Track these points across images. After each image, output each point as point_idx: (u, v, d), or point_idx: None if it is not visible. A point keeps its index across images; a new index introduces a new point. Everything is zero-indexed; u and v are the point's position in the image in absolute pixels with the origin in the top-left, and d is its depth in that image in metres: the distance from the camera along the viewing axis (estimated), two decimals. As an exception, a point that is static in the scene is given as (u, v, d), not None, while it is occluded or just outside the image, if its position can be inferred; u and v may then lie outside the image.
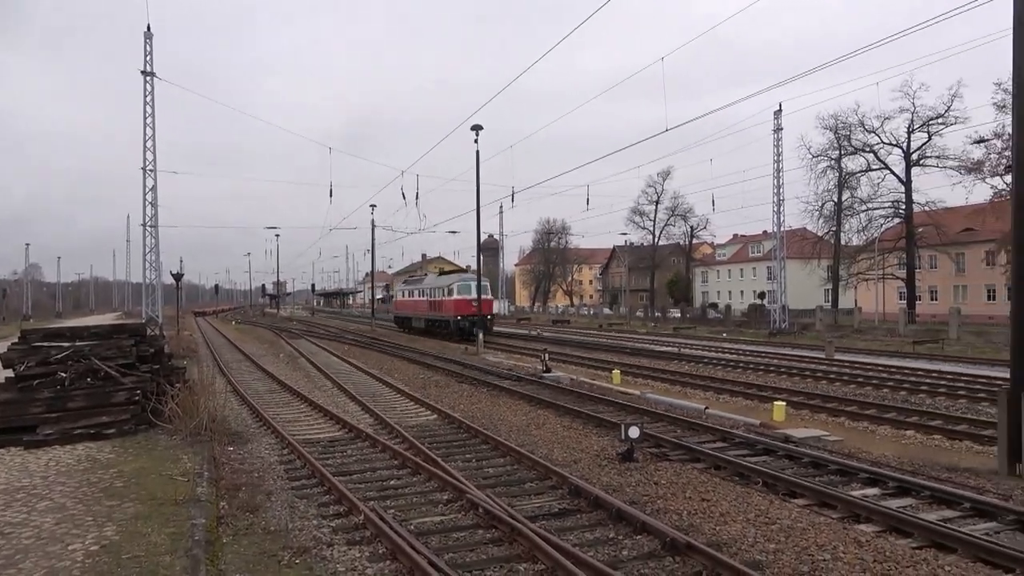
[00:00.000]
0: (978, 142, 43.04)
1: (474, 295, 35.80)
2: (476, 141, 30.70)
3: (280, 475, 9.92)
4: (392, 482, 9.49)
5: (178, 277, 44.92)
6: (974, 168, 45.00)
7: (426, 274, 55.86)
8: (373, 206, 56.50)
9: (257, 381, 20.87)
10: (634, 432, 10.32)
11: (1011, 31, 10.14)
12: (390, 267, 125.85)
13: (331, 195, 41.35)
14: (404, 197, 36.93)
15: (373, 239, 59.52)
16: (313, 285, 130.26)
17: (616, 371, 20.75)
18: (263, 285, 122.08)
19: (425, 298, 43.54)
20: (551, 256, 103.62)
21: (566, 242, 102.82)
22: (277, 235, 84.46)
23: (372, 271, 69.65)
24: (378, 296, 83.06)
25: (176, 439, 11.58)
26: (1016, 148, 10.99)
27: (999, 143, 40.01)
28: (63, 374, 12.33)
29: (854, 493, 8.62)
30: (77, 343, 13.40)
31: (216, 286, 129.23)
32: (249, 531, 7.46)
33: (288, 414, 15.00)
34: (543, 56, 35.83)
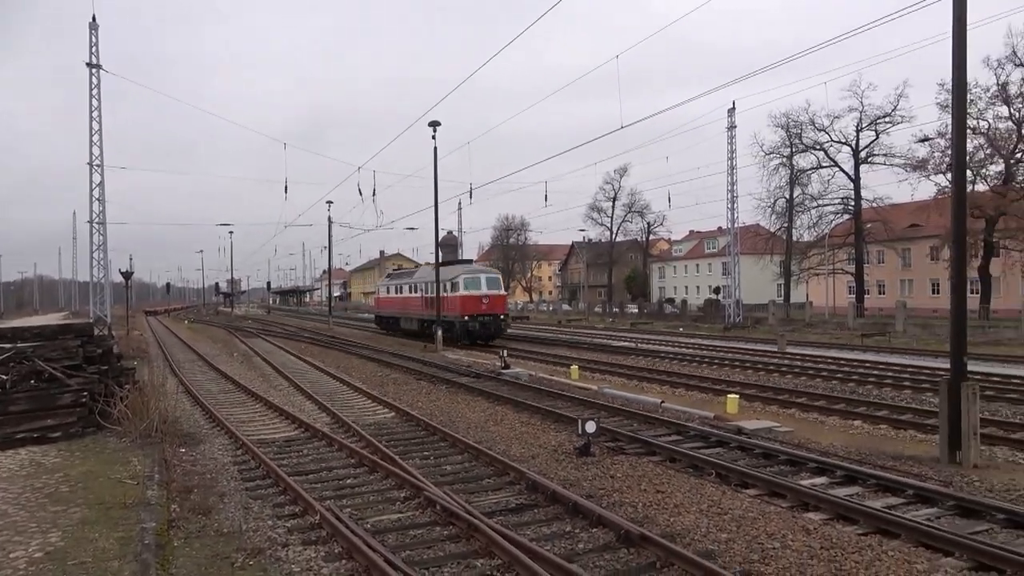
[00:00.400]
0: (922, 141, 44.39)
1: (484, 290, 31.70)
2: (434, 137, 30.58)
3: (234, 476, 9.76)
4: (349, 481, 9.42)
5: (127, 275, 43.74)
6: (919, 166, 46.45)
7: (418, 266, 48.44)
8: (329, 203, 55.74)
9: (210, 381, 20.47)
10: (591, 427, 10.42)
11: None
12: (347, 264, 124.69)
13: (286, 191, 40.60)
14: (361, 193, 36.56)
15: (330, 236, 58.78)
16: (269, 283, 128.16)
17: (574, 366, 20.90)
18: (217, 283, 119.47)
19: (419, 294, 36.90)
20: (510, 252, 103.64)
21: (525, 238, 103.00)
22: (231, 232, 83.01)
23: (329, 268, 68.82)
24: (335, 294, 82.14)
25: (125, 442, 11.29)
26: (956, 147, 11.39)
27: (942, 142, 41.39)
28: (3, 376, 11.92)
29: (803, 483, 8.85)
30: (19, 344, 12.96)
31: (168, 284, 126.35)
32: (201, 534, 7.32)
33: (243, 414, 14.75)
34: (500, 52, 35.92)
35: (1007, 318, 38.47)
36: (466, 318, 31.44)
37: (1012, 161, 42.64)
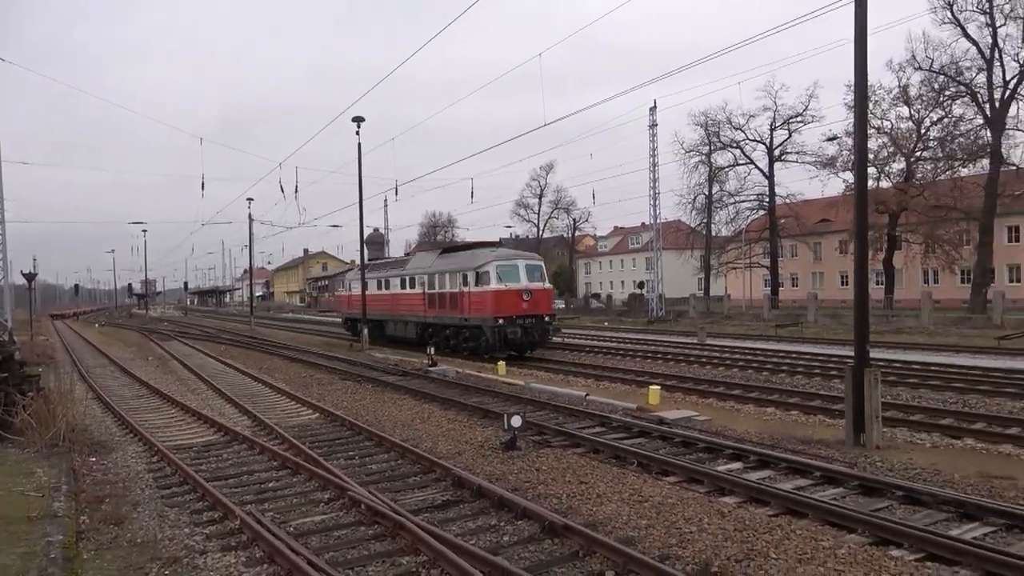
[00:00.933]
0: (831, 139, 46.60)
1: (525, 282, 23.67)
2: (358, 133, 30.07)
3: (149, 484, 9.41)
4: (271, 484, 9.22)
5: (30, 277, 41.37)
6: (828, 164, 48.86)
7: (412, 252, 34.39)
8: (250, 199, 54.16)
9: (123, 387, 19.61)
10: (516, 421, 10.53)
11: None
12: (270, 263, 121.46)
13: (203, 188, 39.12)
14: (283, 190, 35.54)
15: (251, 234, 57.13)
16: (186, 283, 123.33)
17: (501, 363, 21.02)
18: (130, 284, 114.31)
19: (418, 290, 27.92)
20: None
21: (452, 235, 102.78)
22: (144, 230, 79.29)
23: (251, 267, 66.93)
24: (257, 294, 79.86)
25: (30, 452, 10.72)
26: (858, 146, 12.04)
27: (849, 141, 43.62)
28: None
29: (719, 468, 9.20)
30: (-92, 352, 12.10)
31: (76, 286, 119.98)
32: (113, 544, 7.04)
33: (158, 420, 14.21)
34: (424, 46, 35.51)
35: (909, 308, 40.85)
36: (501, 321, 22.89)
37: (912, 159, 45.25)
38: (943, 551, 6.22)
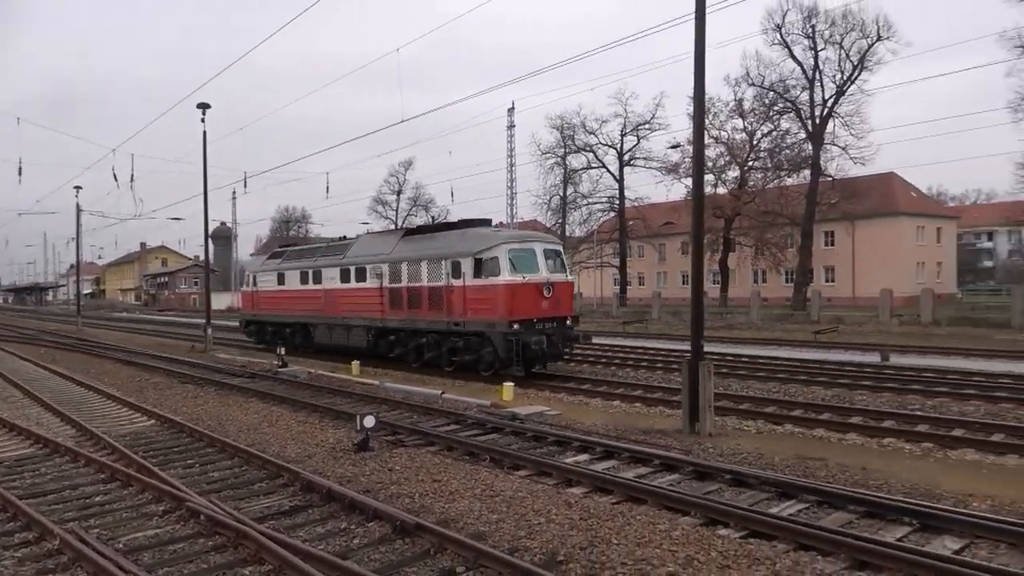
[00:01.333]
0: (674, 147, 49.72)
1: (544, 273, 17.96)
2: (203, 120, 28.36)
3: (-52, 505, 8.36)
4: (98, 499, 8.49)
5: None
6: (672, 169, 52.04)
7: (345, 238, 27.06)
8: (78, 188, 49.52)
9: (-82, 396, 17.28)
10: (369, 421, 10.37)
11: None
12: (100, 258, 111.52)
13: (20, 174, 35.31)
14: (116, 179, 32.91)
15: (78, 225, 52.31)
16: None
17: (355, 362, 20.59)
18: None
19: (374, 284, 21.27)
20: (290, 245, 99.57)
21: (306, 231, 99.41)
22: (-53, 220, 70.31)
23: (78, 262, 61.14)
24: (85, 291, 73.21)
25: None
26: (696, 155, 12.91)
27: (690, 148, 46.67)
28: None
29: (568, 461, 9.55)
30: None
31: None
32: (-99, 576, 6.21)
33: (-39, 433, 12.66)
34: (277, 32, 34.19)
35: (741, 305, 44.32)
36: (516, 326, 17.11)
37: (746, 168, 49.13)
38: (763, 527, 6.82)
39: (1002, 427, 11.29)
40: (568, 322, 18.58)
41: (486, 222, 20.66)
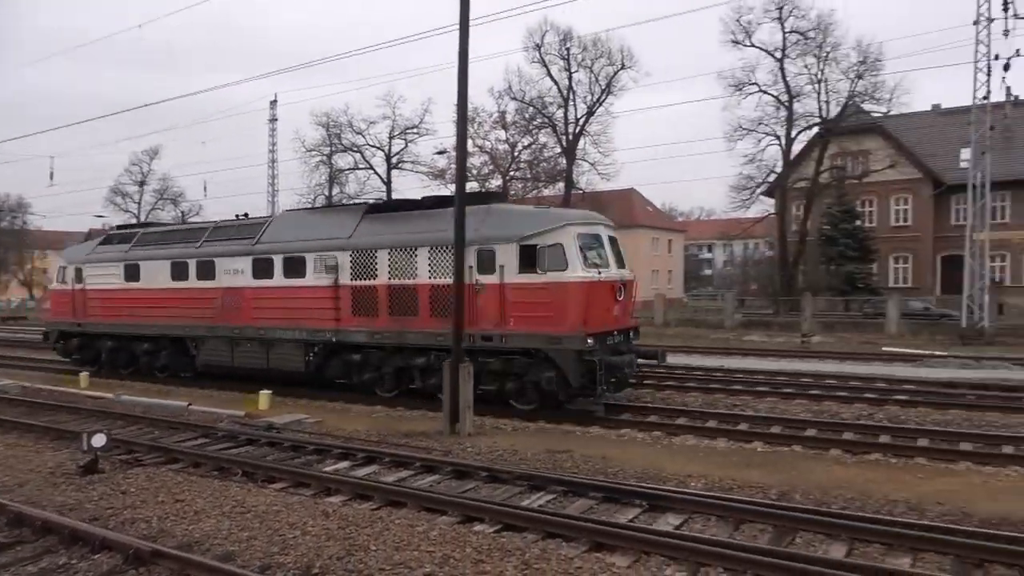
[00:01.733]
0: (440, 153, 50.71)
1: (615, 271, 13.59)
2: None
3: None
4: None
5: None
6: (439, 175, 52.93)
7: (285, 210, 22.23)
8: None
9: None
10: (99, 440, 9.26)
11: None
12: None
13: None
14: None
15: None
16: None
17: (84, 374, 18.23)
18: None
19: (325, 282, 15.36)
20: (4, 239, 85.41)
21: (24, 223, 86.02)
22: None
23: None
24: None
25: None
26: (459, 161, 13.28)
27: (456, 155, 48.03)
28: None
29: (327, 469, 9.32)
30: None
31: None
32: None
33: None
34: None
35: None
36: (590, 340, 12.59)
37: (508, 177, 51.54)
38: (516, 520, 7.21)
39: (714, 414, 13.05)
40: (631, 334, 14.54)
41: (500, 196, 16.54)
